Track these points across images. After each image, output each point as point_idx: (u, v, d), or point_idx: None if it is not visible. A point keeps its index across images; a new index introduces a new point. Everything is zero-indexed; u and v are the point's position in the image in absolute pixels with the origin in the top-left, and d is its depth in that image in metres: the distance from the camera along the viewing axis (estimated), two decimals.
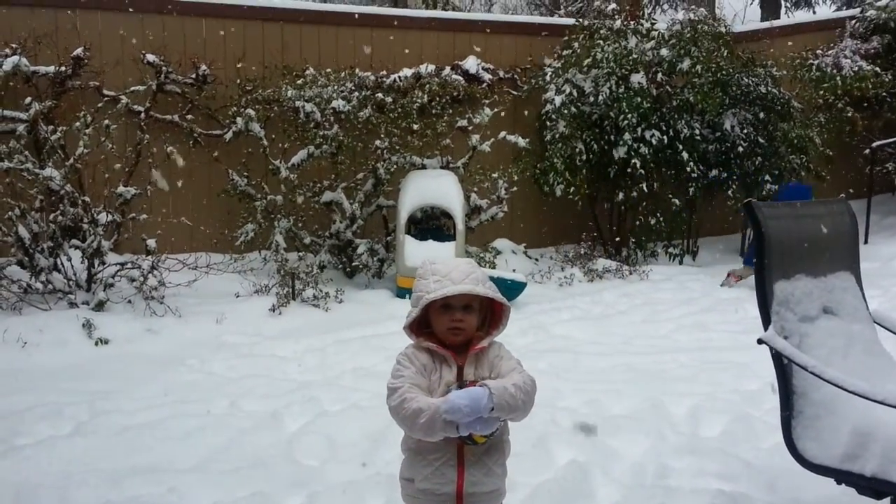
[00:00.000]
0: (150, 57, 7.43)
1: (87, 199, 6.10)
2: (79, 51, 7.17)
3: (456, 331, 1.95)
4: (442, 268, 1.97)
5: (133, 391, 4.35)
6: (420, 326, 2.00)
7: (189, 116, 7.64)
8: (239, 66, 7.76)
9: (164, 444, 3.55)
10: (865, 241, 8.67)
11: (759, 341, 2.52)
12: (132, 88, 7.36)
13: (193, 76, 7.60)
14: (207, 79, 7.63)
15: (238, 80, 7.71)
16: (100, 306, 5.78)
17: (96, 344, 5.32)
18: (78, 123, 6.14)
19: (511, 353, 2.04)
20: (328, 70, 7.63)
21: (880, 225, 9.42)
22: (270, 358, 5.13)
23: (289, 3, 8.49)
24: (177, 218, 6.84)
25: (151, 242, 6.11)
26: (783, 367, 2.56)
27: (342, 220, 7.44)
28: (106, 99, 7.30)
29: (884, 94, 9.67)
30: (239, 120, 7.32)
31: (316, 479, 3.17)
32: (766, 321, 2.58)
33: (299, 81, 7.43)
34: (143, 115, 7.36)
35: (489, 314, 2.04)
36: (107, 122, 6.26)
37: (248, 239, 7.27)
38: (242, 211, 7.41)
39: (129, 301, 5.99)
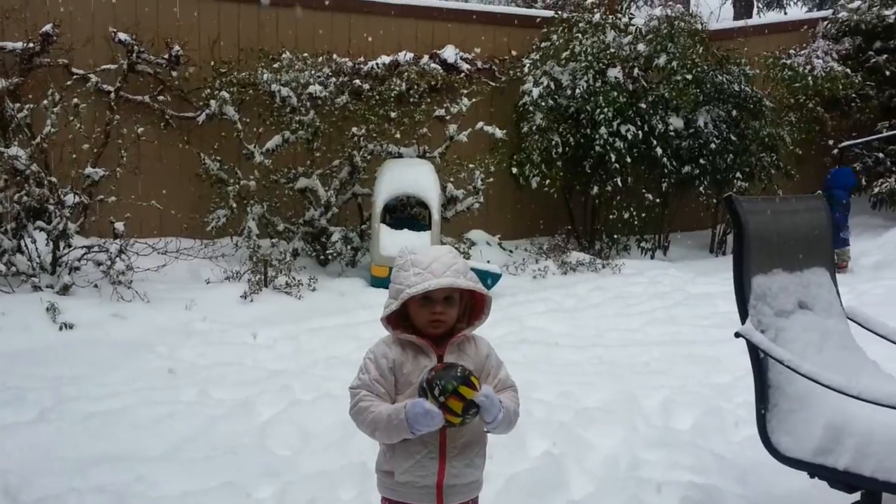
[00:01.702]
0: (122, 35, 7.23)
1: (53, 179, 5.94)
2: (48, 27, 6.95)
3: (437, 323, 1.90)
4: (423, 258, 1.90)
5: (99, 377, 4.25)
6: (398, 318, 1.94)
7: (161, 98, 7.47)
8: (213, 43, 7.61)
9: (132, 431, 3.47)
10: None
11: (737, 335, 2.53)
12: (102, 67, 7.18)
13: (166, 56, 7.42)
14: (180, 59, 7.46)
15: (212, 62, 7.55)
16: (65, 290, 5.64)
17: (61, 329, 5.20)
18: (45, 102, 5.97)
19: (496, 353, 2.03)
20: (305, 54, 7.52)
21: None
22: (241, 345, 5.06)
23: None
24: (146, 201, 6.69)
25: (119, 225, 5.99)
26: (759, 360, 2.57)
27: (316, 208, 7.35)
28: (75, 77, 7.10)
29: (853, 94, 9.83)
30: (213, 103, 7.18)
31: (288, 469, 3.12)
32: (744, 315, 2.59)
33: (275, 65, 7.30)
34: (113, 95, 7.17)
35: (469, 304, 2.00)
36: (76, 101, 6.09)
37: (219, 224, 7.15)
38: (214, 196, 7.28)
39: (96, 285, 5.86)
